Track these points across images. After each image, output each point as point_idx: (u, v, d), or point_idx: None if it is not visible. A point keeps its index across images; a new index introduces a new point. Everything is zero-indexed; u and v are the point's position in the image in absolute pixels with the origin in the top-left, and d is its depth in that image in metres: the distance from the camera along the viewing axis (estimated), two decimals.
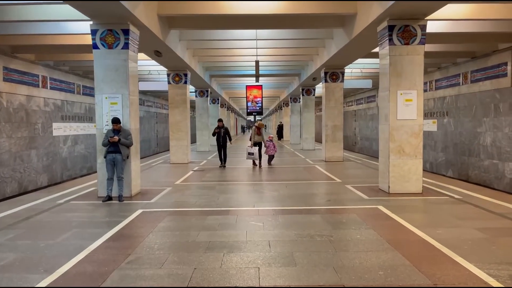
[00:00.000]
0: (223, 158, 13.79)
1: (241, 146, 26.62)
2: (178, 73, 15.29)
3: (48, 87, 15.66)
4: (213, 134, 13.77)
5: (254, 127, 14.49)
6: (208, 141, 22.32)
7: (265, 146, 14.17)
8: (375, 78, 19.68)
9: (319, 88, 23.83)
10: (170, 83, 15.42)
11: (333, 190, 9.02)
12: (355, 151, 28.33)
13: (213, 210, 7.00)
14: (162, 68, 16.13)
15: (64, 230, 5.74)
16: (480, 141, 14.40)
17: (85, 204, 7.68)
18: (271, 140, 14.45)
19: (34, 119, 14.66)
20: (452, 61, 15.76)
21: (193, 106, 30.47)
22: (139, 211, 6.95)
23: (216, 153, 15.17)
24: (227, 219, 6.33)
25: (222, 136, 13.58)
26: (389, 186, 8.37)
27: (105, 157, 8.01)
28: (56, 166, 16.47)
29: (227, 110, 39.34)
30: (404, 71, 8.27)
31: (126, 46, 8.25)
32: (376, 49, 12.46)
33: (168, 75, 15.40)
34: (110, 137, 7.89)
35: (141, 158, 21.82)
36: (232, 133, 48.63)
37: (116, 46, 8.24)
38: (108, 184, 8.02)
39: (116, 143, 7.92)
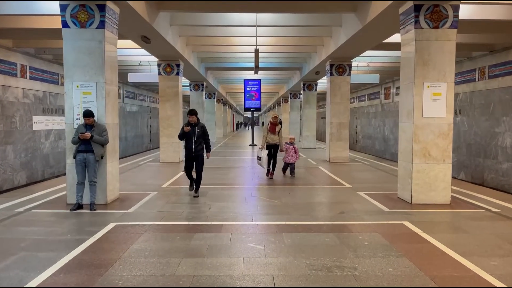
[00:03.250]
0: (196, 180, 7.94)
1: (236, 144, 25.29)
2: (170, 63, 13.93)
3: (28, 77, 14.26)
4: (181, 137, 7.82)
5: (268, 123, 10.45)
6: None
7: (281, 150, 10.38)
8: (382, 73, 18.42)
9: (321, 84, 22.57)
10: (161, 74, 14.06)
11: (344, 198, 7.74)
12: (356, 150, 27.11)
13: (202, 225, 5.71)
14: (153, 58, 14.77)
15: (8, 254, 4.43)
16: (499, 142, 13.17)
17: (48, 214, 6.37)
18: (291, 143, 10.67)
19: (11, 112, 13.29)
20: (467, 55, 14.48)
21: (187, 101, 29.12)
22: (111, 225, 5.65)
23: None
24: (219, 239, 5.04)
25: (195, 140, 7.64)
26: (411, 196, 7.09)
27: (74, 157, 6.70)
28: (36, 163, 15.12)
29: (223, 105, 37.97)
30: (432, 59, 6.98)
31: (102, 25, 6.91)
32: (388, 39, 11.32)
33: (159, 65, 14.04)
34: (81, 133, 6.57)
35: (132, 155, 20.48)
36: (227, 129, 46.69)
37: (90, 24, 6.90)
38: (78, 190, 6.71)
39: (88, 141, 6.62)
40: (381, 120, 25.41)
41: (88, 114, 6.65)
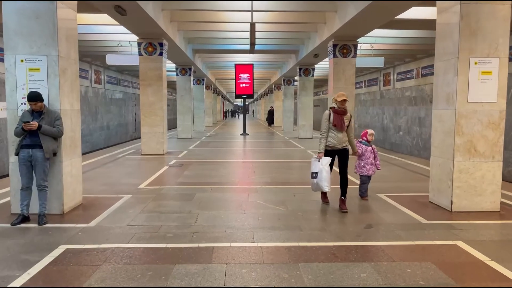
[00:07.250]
0: None
1: (227, 133, 23.67)
2: (152, 42, 12.20)
3: None
4: (17, 156, 5.04)
5: (328, 110, 5.84)
6: (190, 127, 19.26)
7: (356, 153, 6.23)
8: (388, 56, 16.92)
9: (318, 69, 21.05)
10: (142, 55, 12.32)
11: (363, 203, 6.27)
12: None
13: (186, 249, 4.16)
14: (134, 38, 12.98)
15: None
16: None
17: None
18: (368, 142, 6.41)
19: None
20: None
21: (174, 87, 27.34)
22: (59, 250, 4.07)
23: (201, 149, 10.82)
24: (209, 276, 3.51)
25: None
26: (451, 201, 5.64)
27: (17, 154, 5.09)
28: (2, 155, 13.41)
29: (213, 93, 36.17)
30: (481, 28, 5.47)
31: None
32: (400, 15, 9.83)
33: (139, 44, 12.30)
34: (25, 122, 4.95)
35: (115, 145, 18.63)
36: (217, 117, 44.71)
37: None
38: (22, 197, 5.11)
39: (35, 132, 5.00)
40: (379, 108, 24.04)
41: (34, 97, 5.02)
